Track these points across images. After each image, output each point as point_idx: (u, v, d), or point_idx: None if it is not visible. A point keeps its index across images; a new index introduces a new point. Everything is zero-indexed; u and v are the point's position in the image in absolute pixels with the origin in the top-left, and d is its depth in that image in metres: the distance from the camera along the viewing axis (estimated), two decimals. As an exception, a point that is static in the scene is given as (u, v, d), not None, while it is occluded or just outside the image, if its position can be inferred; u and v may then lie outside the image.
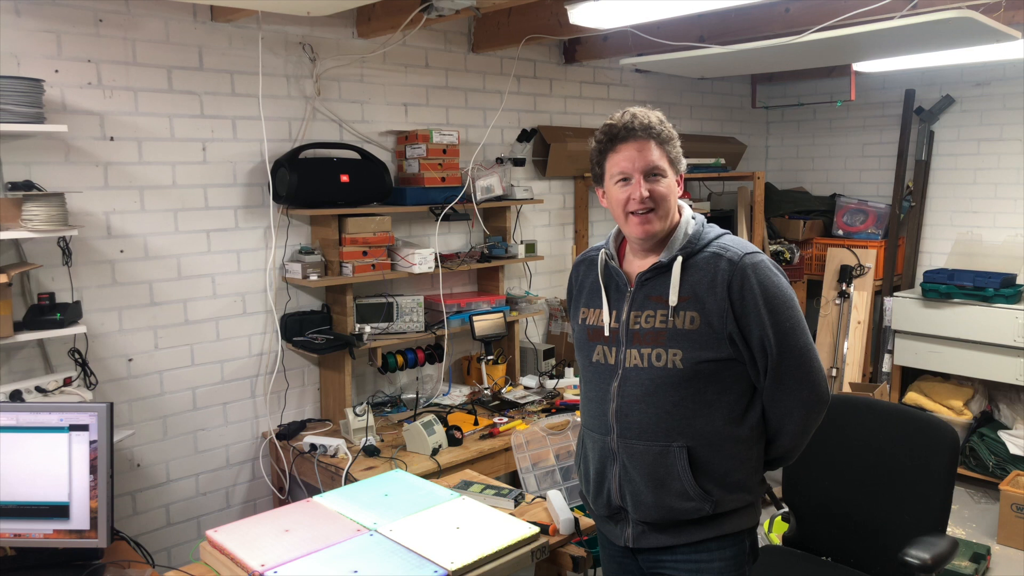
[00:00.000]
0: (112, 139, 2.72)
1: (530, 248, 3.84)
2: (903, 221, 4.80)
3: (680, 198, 1.73)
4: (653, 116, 1.66)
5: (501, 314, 3.57)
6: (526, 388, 3.68)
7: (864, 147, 5.10)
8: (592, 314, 1.78)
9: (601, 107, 4.39)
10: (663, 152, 1.66)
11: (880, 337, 4.76)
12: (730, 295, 1.60)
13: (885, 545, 2.16)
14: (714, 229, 1.73)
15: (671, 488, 1.65)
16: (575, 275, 1.89)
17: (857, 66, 3.93)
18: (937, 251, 4.77)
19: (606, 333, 1.72)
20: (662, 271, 1.68)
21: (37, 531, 1.95)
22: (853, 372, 4.67)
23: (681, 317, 1.63)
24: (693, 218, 1.73)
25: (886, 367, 4.66)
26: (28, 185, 2.46)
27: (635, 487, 1.68)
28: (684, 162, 1.72)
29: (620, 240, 1.81)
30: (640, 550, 1.75)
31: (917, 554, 1.93)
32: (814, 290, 4.93)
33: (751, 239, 4.57)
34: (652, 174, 1.65)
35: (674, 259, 1.66)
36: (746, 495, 1.70)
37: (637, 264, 1.73)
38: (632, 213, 1.66)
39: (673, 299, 1.63)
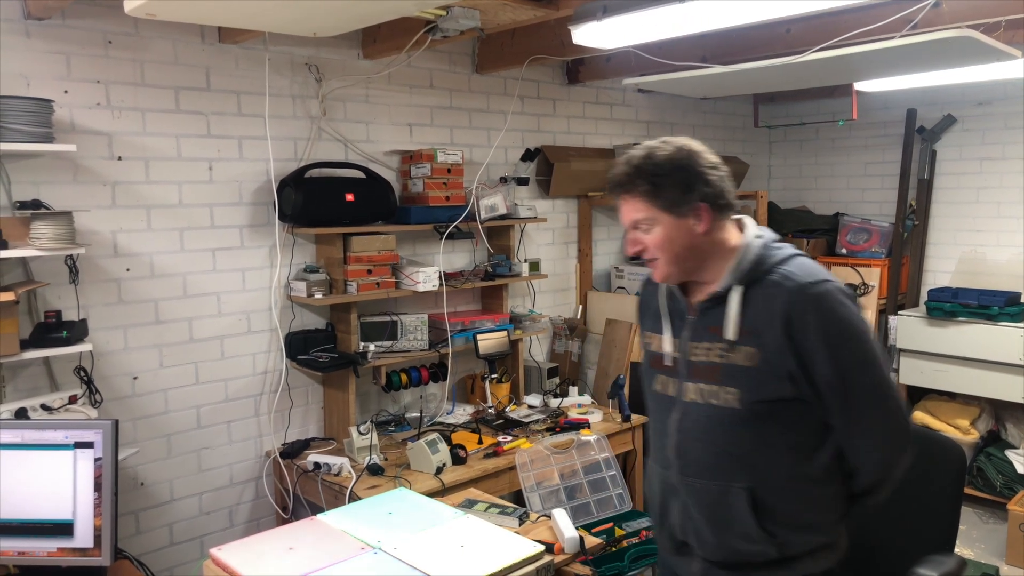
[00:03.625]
0: (120, 159, 2.75)
1: (534, 266, 3.85)
2: (906, 240, 4.81)
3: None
4: (634, 167, 1.53)
5: (505, 332, 3.57)
6: (530, 407, 3.68)
7: (866, 166, 5.12)
8: (655, 340, 1.69)
9: (604, 127, 4.43)
10: (646, 203, 1.52)
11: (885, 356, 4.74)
12: (788, 331, 1.45)
13: (892, 564, 2.14)
14: (782, 250, 1.55)
15: (733, 530, 1.55)
16: (643, 295, 1.80)
17: (858, 85, 3.95)
18: (941, 270, 4.77)
19: (666, 362, 1.64)
20: (720, 300, 1.54)
21: (41, 549, 1.94)
22: (858, 391, 4.64)
23: (739, 352, 1.50)
24: (759, 236, 1.58)
25: (891, 386, 4.64)
26: (36, 204, 2.48)
27: (697, 525, 1.60)
28: (704, 192, 1.52)
29: None
30: None
31: (925, 572, 1.89)
32: (818, 309, 4.92)
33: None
34: (636, 227, 1.57)
35: (730, 288, 1.53)
36: (819, 536, 1.57)
37: (699, 290, 1.62)
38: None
39: (730, 333, 1.51)
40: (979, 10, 2.74)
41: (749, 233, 1.59)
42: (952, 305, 4.22)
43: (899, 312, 4.52)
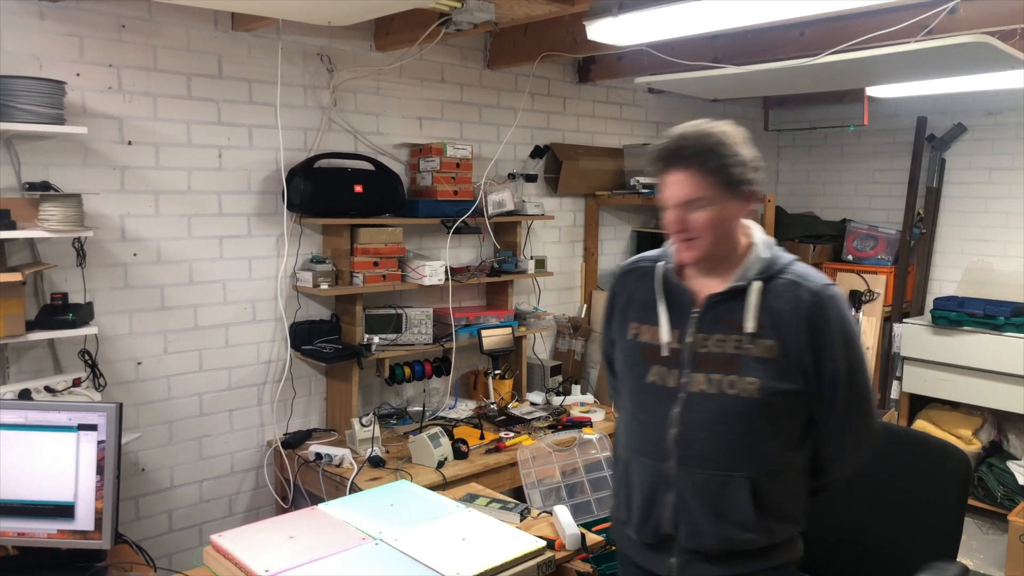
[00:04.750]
0: (130, 143, 2.74)
1: (540, 264, 3.84)
2: (913, 248, 4.79)
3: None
4: (694, 142, 1.53)
5: (509, 329, 3.57)
6: (532, 404, 3.67)
7: (875, 173, 5.11)
8: (646, 331, 1.67)
9: (613, 126, 4.42)
10: (706, 181, 1.52)
11: (888, 363, 4.74)
12: (810, 327, 1.54)
13: (895, 570, 2.13)
14: (786, 254, 1.64)
15: (730, 519, 1.58)
16: (621, 285, 1.78)
17: (871, 91, 3.94)
18: (947, 279, 4.76)
19: (664, 353, 1.63)
20: (736, 295, 1.58)
21: (41, 531, 1.94)
22: (861, 398, 4.63)
23: (758, 345, 1.55)
24: (765, 241, 1.65)
25: (894, 394, 4.63)
26: (46, 186, 2.48)
27: (692, 516, 1.60)
28: (754, 176, 1.57)
29: None
30: None
31: (928, 579, 1.90)
32: (823, 315, 4.91)
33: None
34: (688, 204, 1.55)
35: (751, 283, 1.58)
36: (795, 526, 1.66)
37: (702, 283, 1.64)
38: (675, 238, 1.60)
39: (750, 325, 1.55)
40: (996, 17, 2.73)
41: (759, 234, 1.65)
42: (958, 314, 4.20)
43: (904, 320, 4.51)
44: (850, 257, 4.93)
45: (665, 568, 1.67)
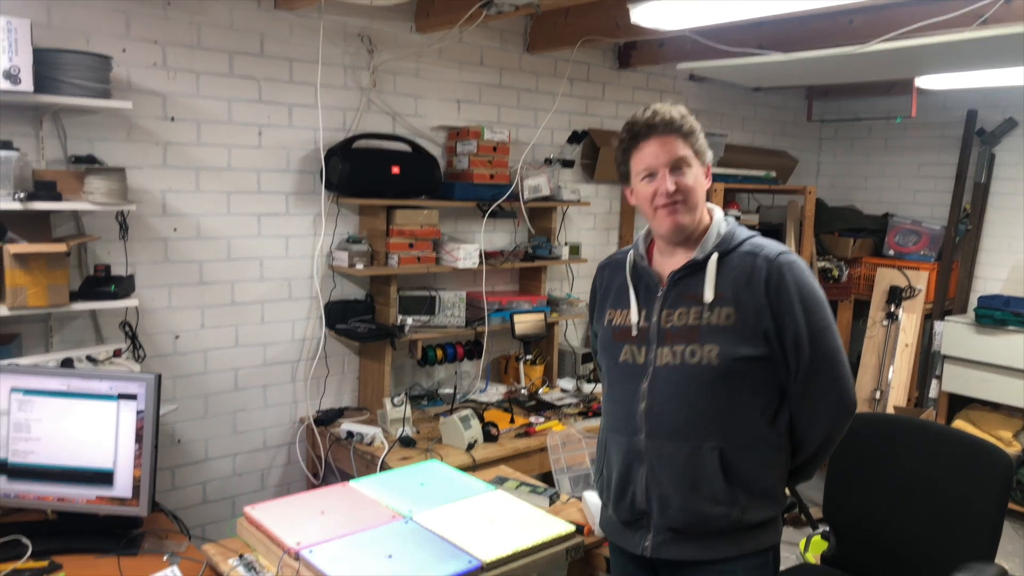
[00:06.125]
0: (173, 119, 2.77)
1: (574, 250, 3.82)
2: (958, 244, 4.68)
3: (727, 207, 1.72)
4: (674, 111, 1.65)
5: (542, 315, 3.56)
6: (563, 391, 3.66)
7: (920, 167, 4.98)
8: (619, 315, 1.76)
9: (653, 113, 4.35)
10: (687, 144, 1.64)
11: (928, 362, 4.64)
12: (767, 291, 1.60)
13: (931, 569, 2.09)
14: (745, 229, 1.72)
15: (700, 491, 1.61)
16: (599, 279, 1.89)
17: (920, 82, 3.84)
18: (992, 277, 4.64)
19: (633, 333, 1.70)
20: (696, 269, 1.66)
21: (80, 496, 1.99)
22: (898, 396, 4.55)
23: (716, 313, 1.62)
24: (725, 219, 1.74)
25: (933, 393, 4.53)
26: (91, 159, 2.52)
27: (663, 489, 1.64)
28: (710, 153, 1.71)
29: (649, 241, 1.80)
30: (661, 563, 1.69)
31: (965, 580, 1.86)
32: (861, 310, 4.82)
33: (799, 254, 4.48)
34: (677, 167, 1.63)
35: (708, 256, 1.65)
36: (772, 505, 1.67)
37: (667, 264, 1.72)
38: (661, 206, 1.65)
39: (708, 295, 1.63)
40: (1055, 6, 2.63)
41: (719, 214, 1.74)
42: (1003, 313, 4.10)
43: (946, 318, 4.41)
44: (892, 252, 4.82)
45: (640, 547, 1.69)
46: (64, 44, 2.46)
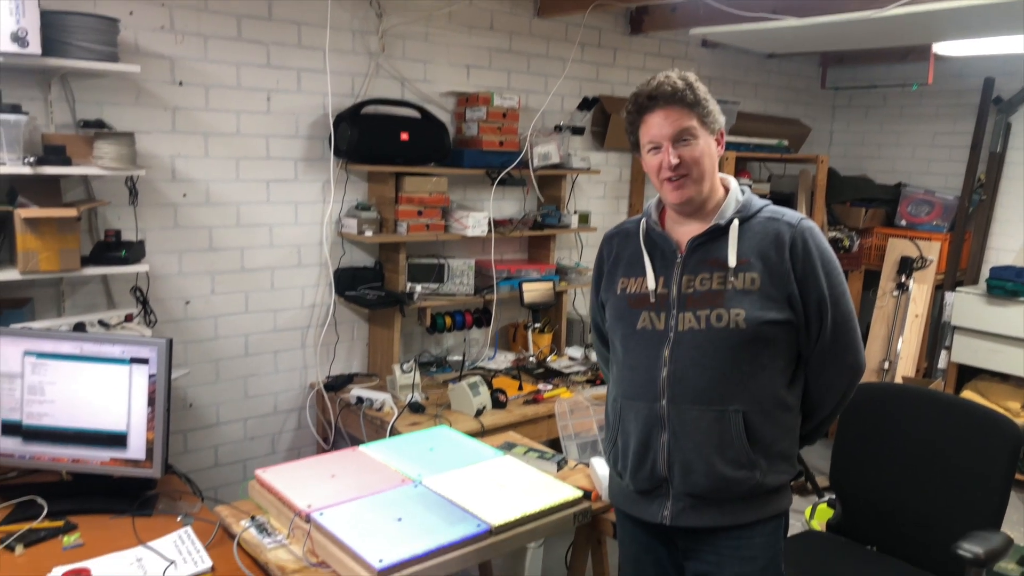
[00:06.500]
0: (181, 84, 2.76)
1: (583, 219, 3.80)
2: (971, 215, 4.63)
3: (738, 176, 1.70)
4: (679, 81, 1.62)
5: (551, 283, 3.55)
6: (571, 359, 3.67)
7: (935, 136, 4.92)
8: (634, 283, 1.74)
9: (664, 80, 4.30)
10: (693, 114, 1.62)
11: (938, 332, 4.63)
12: (792, 256, 1.61)
13: (936, 538, 2.11)
14: (760, 198, 1.74)
15: (724, 455, 1.61)
16: (607, 249, 1.85)
17: (937, 48, 3.77)
18: (1006, 247, 4.60)
19: (651, 299, 1.69)
20: (717, 235, 1.66)
21: (95, 458, 2.01)
22: (907, 366, 4.54)
23: (741, 278, 1.62)
24: (741, 188, 1.75)
25: (942, 363, 4.53)
26: (100, 123, 2.51)
27: (685, 455, 1.63)
28: (722, 119, 1.69)
29: (661, 209, 1.78)
30: (678, 532, 1.69)
31: (970, 548, 1.88)
32: (871, 280, 4.80)
33: (810, 224, 4.45)
34: (681, 139, 1.61)
35: (730, 222, 1.66)
36: (788, 468, 1.68)
37: (682, 231, 1.71)
38: (667, 180, 1.64)
39: (732, 260, 1.62)
40: (1080, -30, 2.57)
41: (734, 183, 1.74)
42: (1015, 284, 4.07)
43: (957, 288, 4.38)
44: (904, 222, 4.78)
45: (659, 516, 1.68)
46: (71, 6, 2.44)
